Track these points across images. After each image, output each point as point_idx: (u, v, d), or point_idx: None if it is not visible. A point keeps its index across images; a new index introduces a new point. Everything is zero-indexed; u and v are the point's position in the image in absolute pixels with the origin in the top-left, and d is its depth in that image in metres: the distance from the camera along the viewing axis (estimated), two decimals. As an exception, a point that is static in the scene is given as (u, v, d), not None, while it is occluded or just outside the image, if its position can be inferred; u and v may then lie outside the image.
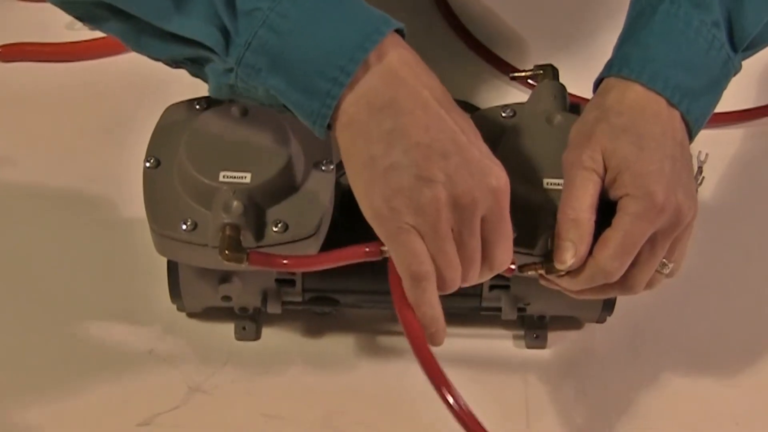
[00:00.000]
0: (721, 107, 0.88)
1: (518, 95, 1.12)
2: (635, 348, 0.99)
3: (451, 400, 0.77)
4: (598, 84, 0.86)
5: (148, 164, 0.88)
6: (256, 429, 0.93)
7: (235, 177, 0.84)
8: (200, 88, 0.83)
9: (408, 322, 0.78)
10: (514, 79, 1.01)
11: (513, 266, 0.83)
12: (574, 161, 0.82)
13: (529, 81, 0.98)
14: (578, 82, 0.99)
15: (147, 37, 0.80)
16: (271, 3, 0.74)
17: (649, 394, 0.96)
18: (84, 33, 1.16)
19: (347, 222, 0.82)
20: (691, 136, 0.85)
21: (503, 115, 0.93)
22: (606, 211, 0.82)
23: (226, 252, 0.81)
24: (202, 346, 0.97)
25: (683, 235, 0.83)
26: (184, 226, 0.84)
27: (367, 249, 0.80)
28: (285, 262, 0.83)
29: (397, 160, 0.74)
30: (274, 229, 0.84)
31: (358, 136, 0.75)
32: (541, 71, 0.97)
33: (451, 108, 0.76)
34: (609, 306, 0.95)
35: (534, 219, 0.86)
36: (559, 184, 0.85)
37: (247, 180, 0.84)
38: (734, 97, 0.88)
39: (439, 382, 0.78)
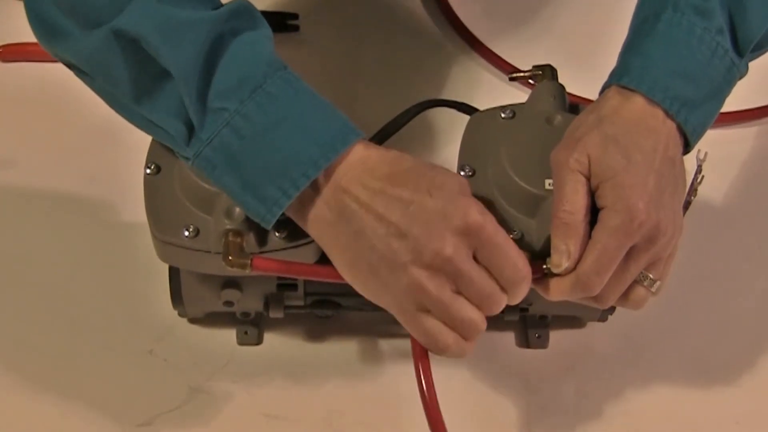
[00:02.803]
0: (721, 107, 0.88)
1: (518, 95, 1.12)
2: (636, 347, 0.99)
3: None
4: (603, 91, 0.86)
5: (148, 171, 0.88)
6: (256, 429, 0.93)
7: (236, 182, 0.84)
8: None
9: (424, 372, 0.82)
10: (513, 79, 1.01)
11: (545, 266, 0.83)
12: (562, 162, 0.82)
13: (530, 81, 0.98)
14: (577, 82, 0.99)
15: (120, 104, 0.83)
16: (238, 105, 0.78)
17: (650, 394, 0.96)
18: (84, 33, 1.16)
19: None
20: (689, 146, 0.85)
21: (503, 116, 0.93)
22: (597, 211, 0.82)
23: (230, 258, 0.81)
24: (203, 347, 0.97)
25: (666, 253, 0.83)
26: (186, 233, 0.84)
27: None
28: (289, 267, 0.83)
29: (369, 260, 0.78)
30: (277, 234, 0.84)
31: (331, 241, 0.80)
32: (540, 72, 0.97)
33: (398, 175, 0.79)
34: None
35: (535, 220, 0.87)
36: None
37: (249, 184, 0.84)
38: (734, 97, 0.88)
39: None
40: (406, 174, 0.79)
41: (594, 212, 0.82)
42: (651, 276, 0.83)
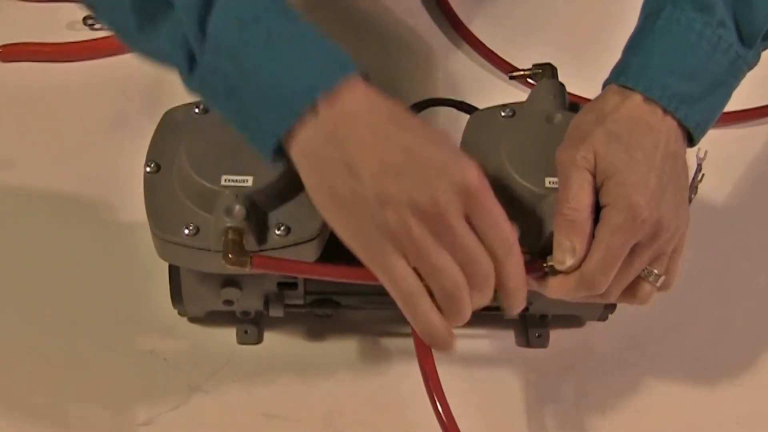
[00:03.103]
0: (720, 107, 0.88)
1: (518, 94, 1.12)
2: (637, 346, 0.99)
3: None
4: (603, 88, 0.86)
5: (148, 169, 0.88)
6: (256, 429, 0.93)
7: (236, 180, 0.84)
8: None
9: (424, 361, 0.81)
10: (513, 78, 1.02)
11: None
12: (569, 160, 0.82)
13: (529, 80, 0.98)
14: (577, 81, 0.99)
15: (125, 34, 0.82)
16: (237, 33, 0.76)
17: (650, 394, 0.96)
18: (84, 33, 1.16)
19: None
20: (693, 141, 0.85)
21: (502, 114, 0.93)
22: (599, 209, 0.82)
23: (230, 256, 0.81)
24: (203, 347, 0.97)
25: (670, 248, 0.83)
26: (186, 231, 0.84)
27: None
28: (290, 266, 0.83)
29: (358, 190, 0.74)
30: (277, 232, 0.84)
31: (314, 168, 0.77)
32: (540, 70, 0.97)
33: (402, 120, 0.77)
34: (611, 304, 0.95)
35: (536, 219, 0.86)
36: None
37: (249, 183, 0.84)
38: (734, 96, 0.88)
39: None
40: (407, 119, 0.77)
41: (595, 210, 0.82)
42: (655, 271, 0.83)
